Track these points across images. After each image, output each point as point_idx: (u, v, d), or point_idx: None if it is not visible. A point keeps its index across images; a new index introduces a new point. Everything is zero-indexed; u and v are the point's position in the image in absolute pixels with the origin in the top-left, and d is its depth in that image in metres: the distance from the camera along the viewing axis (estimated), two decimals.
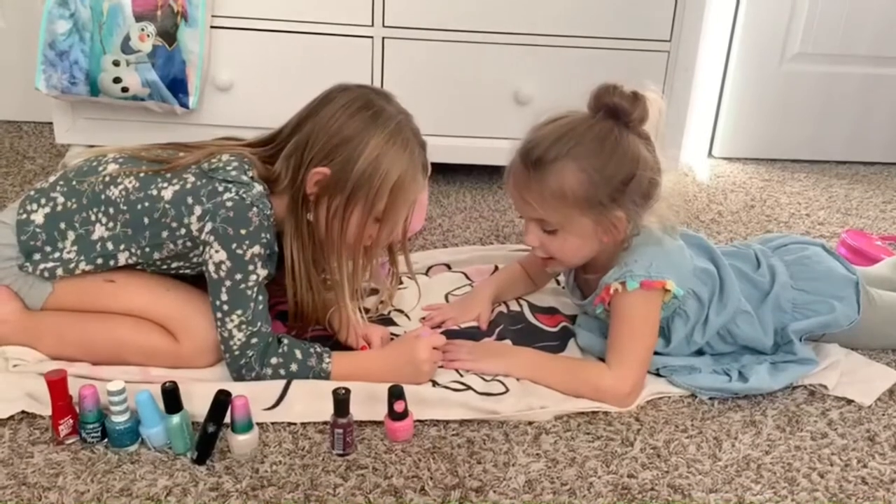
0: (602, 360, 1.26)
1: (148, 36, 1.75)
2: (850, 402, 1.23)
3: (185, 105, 1.83)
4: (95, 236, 1.16)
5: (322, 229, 1.16)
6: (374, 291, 1.45)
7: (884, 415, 1.21)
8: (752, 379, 1.22)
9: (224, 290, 1.12)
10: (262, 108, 1.89)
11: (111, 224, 1.16)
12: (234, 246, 1.10)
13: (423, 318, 1.41)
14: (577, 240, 1.21)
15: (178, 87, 1.80)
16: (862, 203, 2.19)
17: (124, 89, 1.77)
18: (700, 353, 1.30)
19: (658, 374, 1.26)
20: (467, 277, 1.56)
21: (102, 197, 1.16)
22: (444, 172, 2.08)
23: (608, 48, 1.94)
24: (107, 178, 1.17)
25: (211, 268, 1.12)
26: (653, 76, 1.98)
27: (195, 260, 1.18)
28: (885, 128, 2.54)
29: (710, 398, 1.22)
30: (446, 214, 1.93)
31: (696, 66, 2.01)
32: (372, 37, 1.89)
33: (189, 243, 1.15)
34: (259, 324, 1.14)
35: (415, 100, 1.98)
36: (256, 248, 1.11)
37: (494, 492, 1.01)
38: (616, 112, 1.17)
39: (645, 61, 1.97)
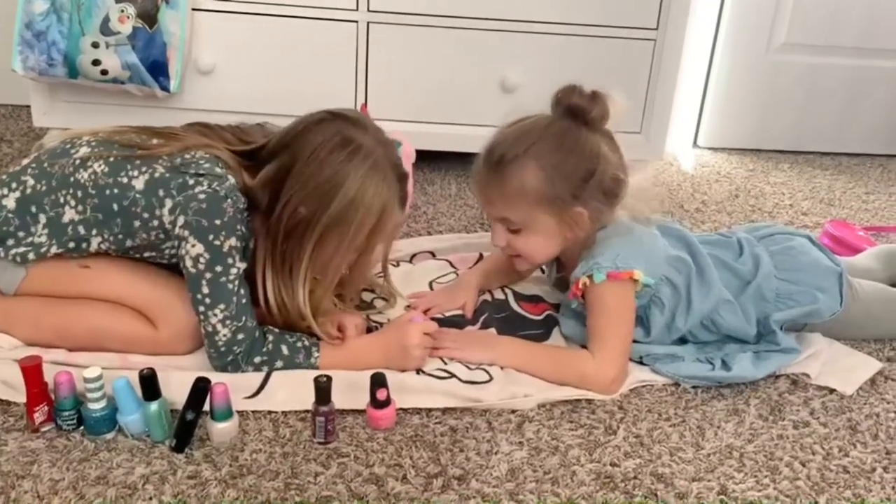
0: (585, 347, 1.26)
1: (128, 17, 1.71)
2: (832, 391, 1.23)
3: (166, 88, 1.80)
4: (66, 219, 1.14)
5: (294, 259, 1.14)
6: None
7: (865, 404, 1.21)
8: (735, 368, 1.22)
9: (204, 283, 1.10)
10: (245, 92, 1.88)
11: (80, 207, 1.13)
12: (210, 237, 1.08)
13: (409, 306, 1.40)
14: (541, 238, 1.23)
15: (158, 70, 1.77)
16: (845, 194, 2.20)
17: (104, 72, 1.74)
18: (683, 341, 1.30)
19: (641, 363, 1.26)
20: (451, 265, 1.55)
21: (71, 180, 1.13)
22: (429, 160, 2.06)
23: (595, 35, 1.93)
24: (77, 162, 1.14)
25: (188, 262, 1.09)
26: (639, 64, 1.97)
27: (168, 252, 1.16)
28: (868, 120, 2.55)
29: (693, 387, 1.22)
30: (431, 202, 1.92)
31: (682, 54, 2.00)
32: (357, 21, 1.87)
33: (162, 235, 1.13)
34: (244, 318, 1.12)
35: (400, 86, 1.98)
36: (233, 241, 1.09)
37: (477, 480, 1.00)
38: (575, 111, 1.19)
39: (631, 49, 1.96)
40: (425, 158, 2.03)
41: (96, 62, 1.72)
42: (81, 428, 1.03)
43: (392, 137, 1.84)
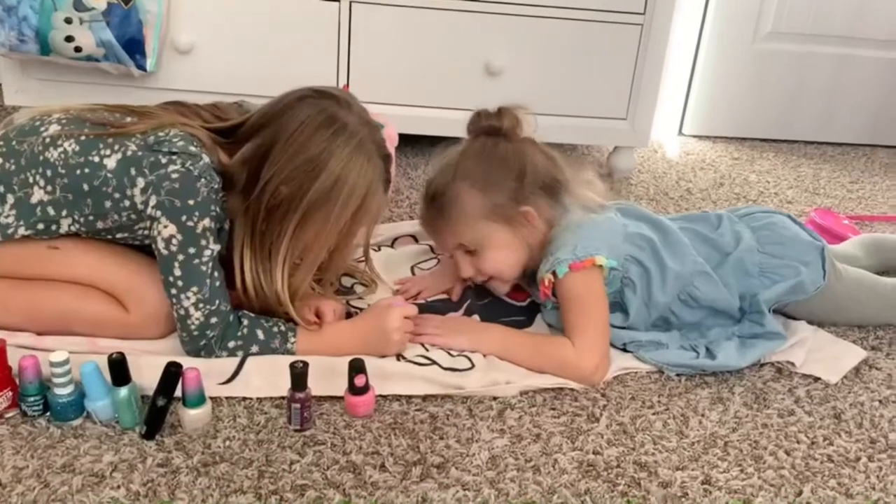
0: None
1: None
2: (816, 379, 1.22)
3: (142, 67, 1.75)
4: (34, 200, 1.10)
5: (274, 240, 1.11)
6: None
7: (850, 393, 1.20)
8: (719, 356, 1.21)
9: (177, 265, 1.06)
10: (224, 72, 1.84)
11: (49, 188, 1.09)
12: (183, 218, 1.05)
13: (397, 291, 1.38)
14: (502, 250, 1.26)
15: (134, 47, 1.72)
16: (830, 183, 2.19)
17: (77, 49, 1.69)
18: (667, 325, 1.28)
19: (625, 350, 1.24)
20: (433, 250, 1.52)
21: (41, 158, 1.09)
22: (412, 144, 2.03)
23: (581, 19, 1.90)
24: (47, 140, 1.10)
25: (161, 244, 1.06)
26: (625, 49, 1.95)
27: (140, 233, 1.12)
28: (853, 109, 2.55)
29: (677, 375, 1.20)
30: (414, 187, 1.89)
31: (668, 40, 1.98)
32: (339, 0, 1.83)
33: (134, 216, 1.09)
34: (217, 302, 1.09)
35: (383, 68, 1.94)
36: (207, 222, 1.06)
37: (457, 468, 0.98)
38: (488, 130, 1.26)
39: (617, 34, 1.93)
40: (408, 142, 2.00)
41: (69, 39, 1.67)
42: (47, 414, 1.00)
43: (375, 121, 1.80)
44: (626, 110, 2.02)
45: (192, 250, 1.06)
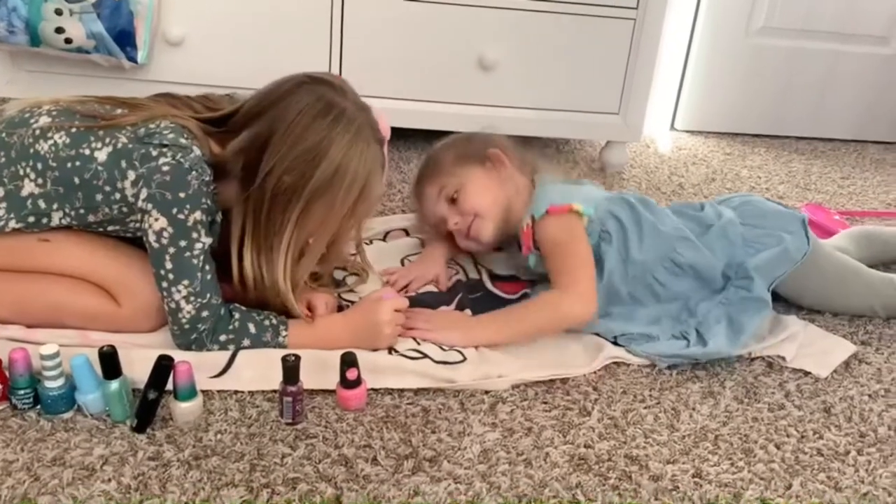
0: None
1: None
2: (806, 373, 1.23)
3: (133, 59, 1.74)
4: (25, 192, 1.09)
5: (277, 229, 1.10)
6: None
7: (840, 387, 1.21)
8: (710, 343, 1.21)
9: (168, 258, 1.05)
10: (216, 65, 1.83)
11: (40, 180, 1.08)
12: (174, 211, 1.04)
13: (386, 282, 1.38)
14: (479, 187, 1.36)
15: (125, 39, 1.71)
16: (821, 178, 2.20)
17: (68, 40, 1.68)
18: (655, 298, 1.29)
19: (616, 343, 1.24)
20: (424, 245, 1.52)
21: (31, 151, 1.08)
22: (405, 138, 2.03)
23: (574, 13, 1.90)
24: (37, 132, 1.09)
25: (152, 237, 1.05)
26: (618, 43, 1.95)
27: (132, 225, 1.11)
28: (845, 106, 2.56)
29: (669, 367, 1.20)
30: (406, 181, 1.88)
31: (661, 35, 1.98)
32: None
33: (125, 208, 1.09)
34: (208, 295, 1.08)
35: (375, 61, 1.94)
36: (198, 214, 1.05)
37: (449, 461, 0.98)
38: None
39: (610, 28, 1.93)
40: (401, 136, 1.99)
41: (60, 30, 1.66)
42: (38, 407, 1.00)
43: None
44: (618, 105, 2.02)
45: (182, 243, 1.05)
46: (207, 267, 1.08)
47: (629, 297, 1.29)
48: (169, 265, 1.06)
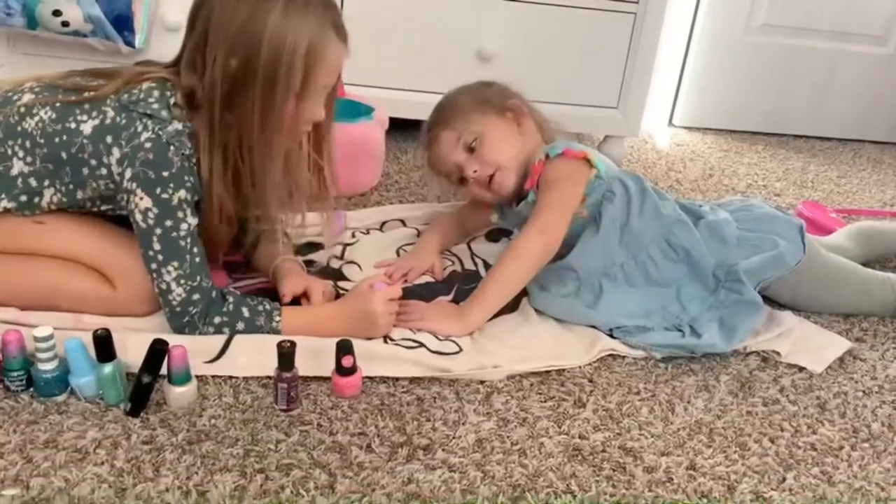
0: (557, 321, 1.27)
1: None
2: (801, 369, 1.23)
3: (130, 44, 1.73)
4: (15, 171, 1.08)
5: (248, 127, 1.06)
6: (316, 246, 1.41)
7: (834, 382, 1.21)
8: (704, 335, 1.21)
9: (155, 238, 1.05)
10: None
11: (30, 158, 1.07)
12: (158, 191, 1.03)
13: (388, 275, 1.37)
14: (497, 137, 1.35)
15: (122, 24, 1.70)
16: (818, 177, 2.20)
17: (65, 23, 1.67)
18: (647, 279, 1.29)
19: (612, 336, 1.24)
20: (420, 235, 1.52)
21: (18, 129, 1.07)
22: (402, 128, 2.02)
23: (574, 7, 1.90)
24: (22, 109, 1.08)
25: (138, 217, 1.05)
26: (618, 38, 1.95)
27: (124, 203, 1.10)
28: (843, 105, 2.56)
29: (664, 360, 1.20)
30: (403, 171, 1.88)
31: (661, 30, 1.98)
32: None
33: (112, 185, 1.08)
34: (199, 278, 1.08)
35: (374, 51, 1.93)
36: (182, 193, 1.04)
37: (443, 450, 0.98)
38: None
39: (611, 23, 1.93)
40: (398, 127, 1.98)
41: (57, 13, 1.65)
42: (31, 389, 0.99)
43: (365, 104, 1.79)
44: (617, 99, 2.02)
45: (168, 223, 1.05)
46: (196, 249, 1.08)
47: (621, 270, 1.29)
48: (157, 246, 1.05)
